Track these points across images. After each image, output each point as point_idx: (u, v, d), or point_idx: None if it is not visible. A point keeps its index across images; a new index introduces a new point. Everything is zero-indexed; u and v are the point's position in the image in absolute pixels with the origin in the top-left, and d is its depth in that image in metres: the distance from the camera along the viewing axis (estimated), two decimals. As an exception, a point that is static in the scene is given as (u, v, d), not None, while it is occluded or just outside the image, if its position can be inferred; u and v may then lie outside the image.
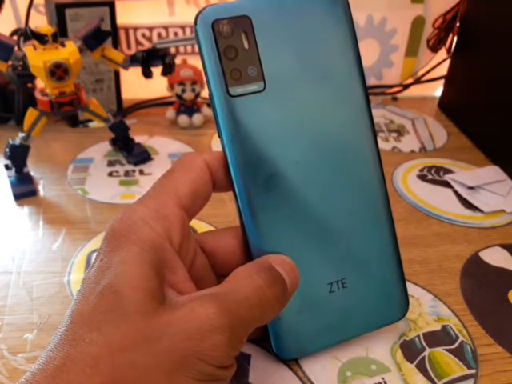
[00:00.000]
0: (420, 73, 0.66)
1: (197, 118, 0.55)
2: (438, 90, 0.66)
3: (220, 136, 0.25)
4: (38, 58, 0.38)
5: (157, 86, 0.54)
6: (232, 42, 0.24)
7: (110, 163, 0.48)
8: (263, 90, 0.24)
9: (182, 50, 0.61)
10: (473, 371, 0.28)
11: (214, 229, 0.38)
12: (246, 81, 0.24)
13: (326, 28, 0.25)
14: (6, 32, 0.41)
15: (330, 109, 0.26)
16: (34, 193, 0.42)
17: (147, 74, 0.45)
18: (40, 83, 0.46)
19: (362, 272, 0.27)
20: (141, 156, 0.48)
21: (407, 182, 0.47)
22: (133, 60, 0.44)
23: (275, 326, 0.26)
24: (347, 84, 0.26)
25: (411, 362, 0.28)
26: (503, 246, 0.39)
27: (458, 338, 0.30)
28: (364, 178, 0.27)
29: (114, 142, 0.50)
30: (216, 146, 0.52)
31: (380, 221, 0.27)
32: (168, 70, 0.45)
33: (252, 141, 0.24)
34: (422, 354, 0.29)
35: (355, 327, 0.28)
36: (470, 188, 0.45)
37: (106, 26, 0.50)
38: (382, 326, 0.29)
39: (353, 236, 0.27)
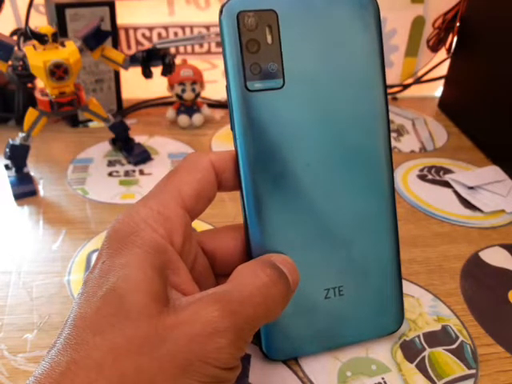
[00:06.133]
0: (420, 73, 0.66)
1: (197, 118, 0.55)
2: (438, 90, 0.66)
3: (233, 129, 0.24)
4: (38, 57, 0.38)
5: (157, 86, 0.54)
6: (255, 35, 0.24)
7: (110, 163, 0.48)
8: (281, 88, 0.24)
9: (181, 49, 0.61)
10: (473, 371, 0.28)
11: (212, 228, 0.38)
12: (265, 76, 0.24)
13: (353, 31, 0.25)
14: (6, 32, 0.41)
15: (348, 114, 0.25)
16: (33, 193, 0.42)
17: (147, 74, 0.45)
18: (40, 83, 0.46)
19: (361, 282, 0.27)
20: (141, 156, 0.48)
21: (407, 182, 0.47)
22: (133, 60, 0.44)
23: (267, 325, 0.26)
24: (368, 91, 0.26)
25: (411, 362, 0.28)
26: (503, 246, 0.39)
27: (458, 337, 0.30)
28: (374, 188, 0.27)
29: (114, 141, 0.50)
30: (216, 146, 0.52)
31: (385, 233, 0.27)
32: (168, 70, 0.45)
33: (264, 137, 0.24)
34: (422, 354, 0.29)
35: (347, 336, 0.28)
36: (470, 188, 0.45)
37: (106, 26, 0.50)
38: (373, 338, 0.29)
39: (356, 245, 0.27)
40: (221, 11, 0.23)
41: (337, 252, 0.26)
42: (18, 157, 0.42)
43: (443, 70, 0.62)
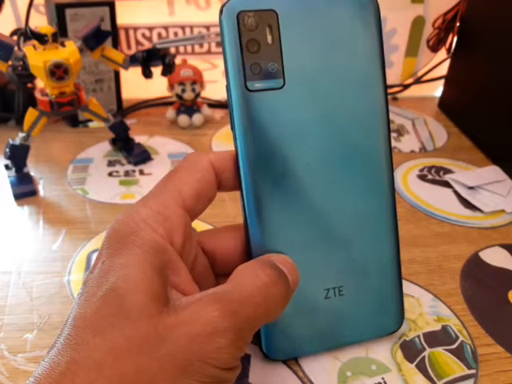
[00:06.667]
0: (420, 73, 0.66)
1: (197, 118, 0.55)
2: (438, 90, 0.66)
3: (233, 129, 0.24)
4: (37, 57, 0.38)
5: (157, 86, 0.55)
6: (255, 35, 0.24)
7: (110, 163, 0.48)
8: (282, 88, 0.24)
9: (181, 49, 0.61)
10: (473, 371, 0.28)
11: (212, 228, 0.38)
12: (265, 76, 0.24)
13: (354, 31, 0.25)
14: (6, 32, 0.41)
15: (348, 114, 0.25)
16: (33, 193, 0.42)
17: (147, 74, 0.45)
18: (40, 83, 0.46)
19: (361, 282, 0.27)
20: (141, 156, 0.48)
21: (407, 182, 0.47)
22: (133, 60, 0.44)
23: (267, 325, 0.26)
24: (369, 91, 0.26)
25: (411, 362, 0.28)
26: (503, 246, 0.39)
27: (458, 337, 0.30)
28: (374, 188, 0.26)
29: (114, 141, 0.50)
30: (216, 146, 0.52)
31: (385, 233, 0.27)
32: (168, 70, 0.45)
33: (264, 137, 0.24)
34: (422, 354, 0.29)
35: (347, 336, 0.28)
36: (470, 188, 0.45)
37: (106, 26, 0.50)
38: (374, 338, 0.29)
39: (356, 245, 0.27)
40: (221, 11, 0.23)
41: (337, 252, 0.26)
42: (18, 157, 0.42)
43: (443, 70, 0.62)
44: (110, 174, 0.46)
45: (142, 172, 0.47)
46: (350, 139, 0.26)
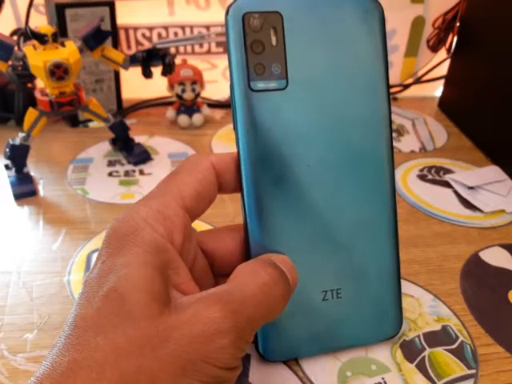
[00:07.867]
0: (420, 73, 0.66)
1: (197, 118, 0.55)
2: (438, 90, 0.66)
3: (235, 128, 0.24)
4: (37, 57, 0.38)
5: (157, 85, 0.55)
6: (260, 36, 0.24)
7: (110, 163, 0.48)
8: (285, 89, 0.24)
9: (182, 49, 0.61)
10: (473, 371, 0.28)
11: (212, 228, 0.38)
12: (268, 77, 0.24)
13: (358, 35, 0.25)
14: (6, 32, 0.41)
15: (350, 117, 0.25)
16: (34, 193, 0.42)
17: (147, 74, 0.45)
18: (40, 83, 0.46)
19: (359, 285, 0.27)
20: (141, 156, 0.48)
21: (407, 182, 0.47)
22: (133, 60, 0.44)
23: (264, 325, 0.26)
24: (371, 94, 0.26)
25: (411, 362, 0.28)
26: (503, 246, 0.39)
27: (458, 338, 0.30)
28: (375, 191, 0.26)
29: (114, 142, 0.50)
30: (216, 146, 0.52)
31: (385, 236, 0.27)
32: (168, 70, 0.45)
33: (266, 137, 0.24)
34: (422, 354, 0.29)
35: (344, 339, 0.28)
36: (470, 188, 0.45)
37: (106, 26, 0.50)
38: (371, 343, 0.29)
39: (355, 248, 0.26)
40: (227, 11, 0.24)
41: (335, 254, 0.26)
42: (17, 157, 0.42)
43: (443, 70, 0.62)
44: (110, 174, 0.46)
45: (142, 172, 0.47)
46: (351, 142, 0.26)
